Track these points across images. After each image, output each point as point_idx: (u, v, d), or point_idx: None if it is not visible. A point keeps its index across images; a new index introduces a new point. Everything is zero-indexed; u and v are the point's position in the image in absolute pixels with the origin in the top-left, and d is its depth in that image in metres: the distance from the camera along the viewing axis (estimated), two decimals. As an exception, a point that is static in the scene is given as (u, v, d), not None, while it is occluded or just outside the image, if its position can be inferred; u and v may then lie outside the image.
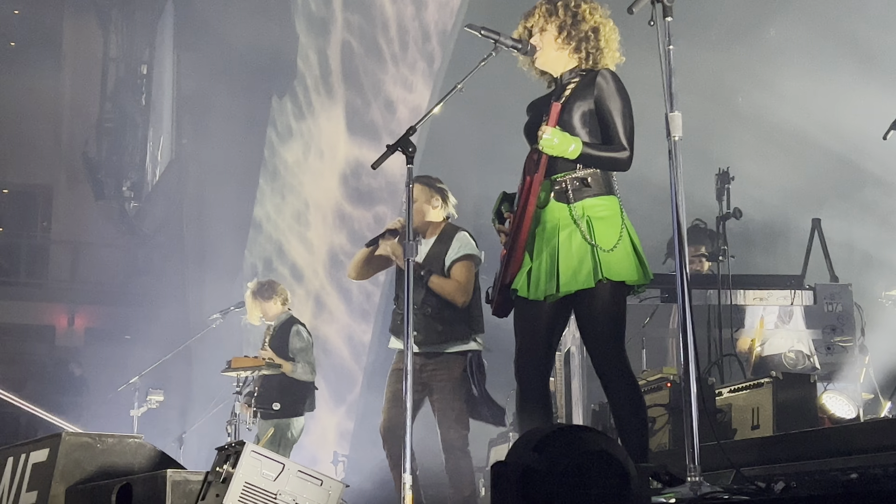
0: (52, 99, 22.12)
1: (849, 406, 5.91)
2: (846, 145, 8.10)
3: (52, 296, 21.16)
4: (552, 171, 4.32)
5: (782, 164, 8.83)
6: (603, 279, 4.18)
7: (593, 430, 3.29)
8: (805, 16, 8.79)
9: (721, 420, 5.79)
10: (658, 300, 7.00)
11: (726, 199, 7.34)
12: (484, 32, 4.51)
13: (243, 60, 15.46)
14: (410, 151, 4.61)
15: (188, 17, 17.27)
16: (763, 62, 9.27)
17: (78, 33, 22.40)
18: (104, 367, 16.60)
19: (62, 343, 20.78)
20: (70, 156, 21.95)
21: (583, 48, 4.45)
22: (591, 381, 6.52)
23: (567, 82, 4.47)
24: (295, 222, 14.77)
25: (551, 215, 4.32)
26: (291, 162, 14.98)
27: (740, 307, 7.33)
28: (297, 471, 4.60)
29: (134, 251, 21.02)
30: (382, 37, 11.89)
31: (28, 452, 5.51)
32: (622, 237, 4.26)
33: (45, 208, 22.66)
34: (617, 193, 4.36)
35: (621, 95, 4.35)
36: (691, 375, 3.57)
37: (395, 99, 11.63)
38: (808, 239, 7.71)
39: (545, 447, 3.08)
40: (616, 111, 4.32)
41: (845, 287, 7.28)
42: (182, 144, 18.10)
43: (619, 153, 4.29)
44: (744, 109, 9.37)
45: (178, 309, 17.66)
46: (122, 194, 21.63)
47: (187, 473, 4.70)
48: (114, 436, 5.35)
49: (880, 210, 7.94)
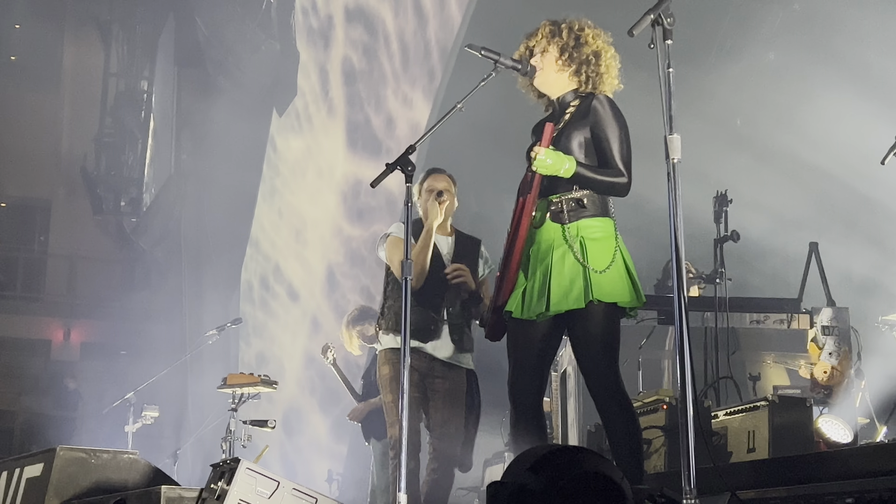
0: (51, 113, 22.14)
1: (845, 430, 5.90)
2: (844, 169, 8.12)
3: (48, 310, 21.14)
4: (549, 192, 4.34)
5: (780, 187, 8.86)
6: (594, 300, 4.18)
7: (590, 450, 3.29)
8: (804, 40, 8.84)
9: (717, 443, 5.78)
10: (655, 322, 7.00)
11: (724, 221, 7.35)
12: (484, 53, 4.52)
13: (244, 76, 15.50)
14: (410, 170, 4.61)
15: (189, 33, 17.29)
16: (762, 85, 9.31)
17: (78, 48, 22.45)
18: (99, 382, 16.58)
19: (58, 357, 20.74)
20: (69, 170, 21.96)
21: (583, 71, 4.47)
22: (587, 401, 6.50)
23: (566, 106, 4.49)
24: (293, 241, 14.78)
25: (546, 235, 4.33)
26: (290, 179, 15.00)
27: (737, 330, 7.33)
28: (291, 489, 4.59)
29: (131, 266, 21.02)
30: (384, 53, 11.92)
31: (22, 467, 5.49)
32: (615, 259, 4.26)
33: (42, 222, 22.64)
34: (612, 216, 4.37)
35: (618, 121, 4.36)
36: (688, 398, 3.57)
37: (396, 116, 11.65)
38: (806, 262, 7.71)
39: (541, 467, 3.07)
40: (612, 137, 4.33)
41: (842, 311, 7.28)
42: (181, 160, 18.12)
43: (616, 178, 4.29)
44: (742, 132, 9.40)
45: (175, 325, 17.66)
46: (121, 209, 21.62)
47: (181, 490, 4.68)
48: (108, 451, 5.34)
49: (878, 234, 7.95)
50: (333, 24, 13.38)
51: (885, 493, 3.86)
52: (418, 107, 11.08)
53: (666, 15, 3.79)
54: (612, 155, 4.32)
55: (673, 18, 3.80)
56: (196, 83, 17.55)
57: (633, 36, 3.92)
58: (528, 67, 4.52)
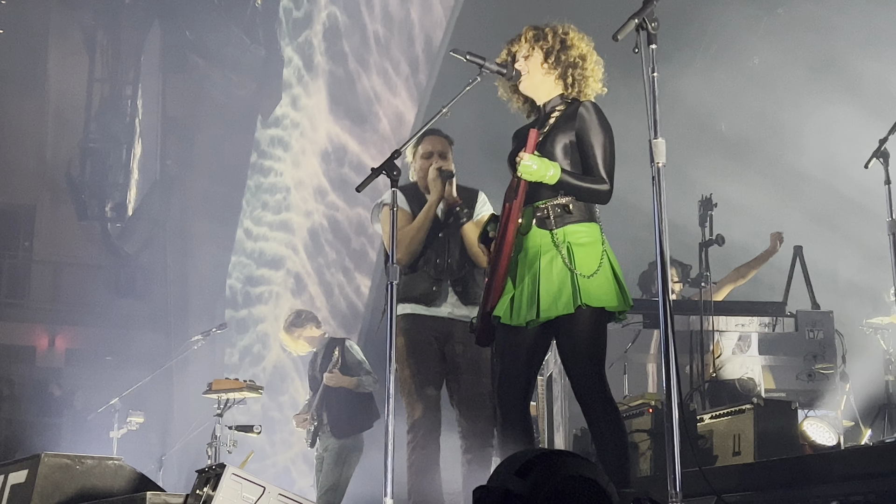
0: (36, 118, 22.06)
1: (830, 433, 5.92)
2: (829, 172, 8.16)
3: (32, 316, 21.04)
4: (535, 198, 4.33)
5: (765, 190, 8.89)
6: (582, 305, 4.18)
7: (576, 455, 3.29)
8: (788, 44, 8.88)
9: (702, 446, 5.79)
10: (640, 325, 7.01)
11: (709, 225, 7.37)
12: (469, 57, 4.52)
13: (228, 82, 15.48)
14: (395, 175, 4.61)
15: (175, 38, 17.29)
16: (746, 89, 9.34)
17: (63, 53, 22.36)
18: (84, 389, 16.51)
19: (42, 364, 20.65)
20: (53, 175, 21.88)
21: (569, 74, 4.47)
22: (573, 405, 6.48)
23: (550, 111, 4.48)
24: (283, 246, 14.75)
25: (533, 241, 4.33)
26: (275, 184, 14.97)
27: (722, 333, 7.34)
28: (277, 494, 4.58)
29: (116, 272, 20.94)
30: (369, 60, 11.91)
31: (7, 474, 5.47)
32: (602, 264, 4.26)
33: (27, 228, 22.53)
34: (598, 221, 4.37)
35: (603, 128, 4.36)
36: (673, 401, 3.57)
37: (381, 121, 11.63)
38: (790, 266, 7.74)
39: (527, 472, 3.07)
40: (597, 144, 4.33)
41: (827, 314, 7.30)
42: (166, 166, 18.10)
43: (599, 185, 4.30)
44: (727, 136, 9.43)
45: (160, 330, 17.63)
46: (106, 215, 21.55)
47: (167, 496, 4.67)
48: (93, 457, 5.33)
49: (862, 238, 7.98)
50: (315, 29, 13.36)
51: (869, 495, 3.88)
52: (401, 96, 11.04)
53: (650, 19, 3.80)
54: (595, 162, 4.32)
55: (657, 23, 3.81)
56: (181, 89, 17.54)
57: (617, 40, 3.93)
58: (513, 72, 4.53)
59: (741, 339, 7.37)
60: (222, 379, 8.03)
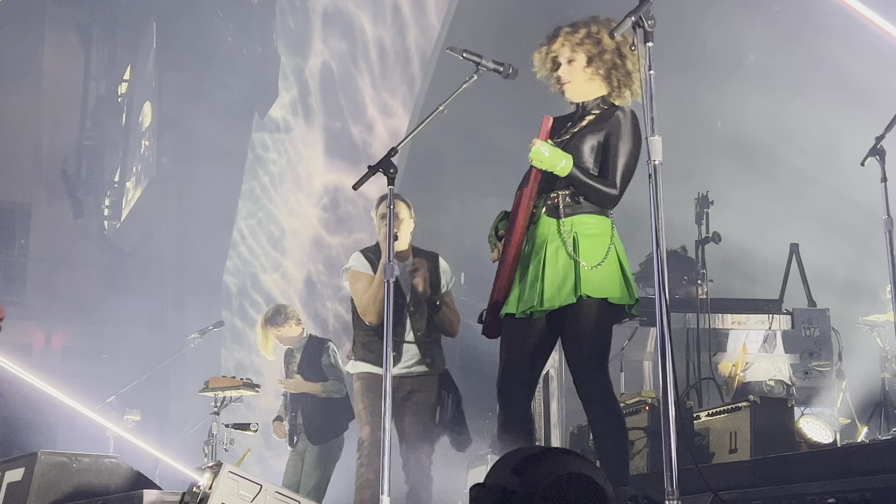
0: (31, 116, 22.00)
1: (826, 430, 5.93)
2: (825, 170, 8.16)
3: (28, 314, 20.98)
4: (548, 189, 4.32)
5: (761, 188, 8.89)
6: (584, 295, 4.17)
7: (573, 452, 3.28)
8: (784, 42, 8.87)
9: (699, 444, 5.80)
10: (637, 323, 7.02)
11: (705, 223, 7.37)
12: (466, 55, 4.51)
13: (225, 80, 15.46)
14: (392, 173, 4.61)
15: (170, 36, 17.26)
16: (742, 87, 9.34)
17: (58, 51, 22.31)
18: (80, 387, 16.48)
19: (38, 362, 20.62)
20: (49, 173, 21.83)
21: (612, 77, 4.39)
22: (570, 403, 6.52)
23: (589, 110, 4.43)
24: (271, 248, 14.74)
25: (541, 230, 4.33)
26: (269, 187, 14.96)
27: (719, 331, 7.35)
28: (274, 492, 4.57)
29: (112, 270, 20.90)
30: (363, 60, 11.89)
31: (3, 472, 5.46)
32: (609, 256, 4.25)
33: (22, 226, 22.49)
34: (610, 215, 4.36)
35: (633, 137, 4.32)
36: (670, 399, 3.57)
37: (375, 123, 11.62)
38: (786, 263, 7.75)
39: (524, 469, 3.07)
40: (622, 150, 4.29)
41: (823, 312, 7.32)
42: (162, 163, 18.06)
43: (607, 188, 4.27)
44: (723, 134, 9.42)
45: (156, 328, 17.61)
46: (101, 213, 21.50)
47: (163, 494, 4.66)
48: (90, 455, 5.31)
49: (858, 236, 7.99)
50: (311, 28, 13.33)
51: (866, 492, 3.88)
52: (398, 115, 11.04)
53: (647, 17, 3.80)
54: (613, 165, 4.29)
55: (654, 21, 3.80)
56: (177, 86, 17.51)
57: (614, 38, 3.93)
58: (509, 70, 4.51)
59: (766, 341, 7.36)
60: (219, 377, 8.00)
